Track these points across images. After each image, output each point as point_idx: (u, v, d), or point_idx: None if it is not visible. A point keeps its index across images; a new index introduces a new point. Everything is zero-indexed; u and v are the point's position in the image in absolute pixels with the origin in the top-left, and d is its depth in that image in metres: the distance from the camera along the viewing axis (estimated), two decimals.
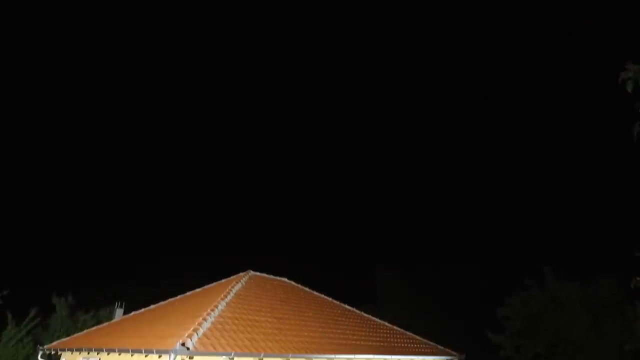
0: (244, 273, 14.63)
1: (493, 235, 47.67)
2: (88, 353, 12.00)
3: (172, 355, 8.02)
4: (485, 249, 40.22)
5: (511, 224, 48.53)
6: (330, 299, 16.42)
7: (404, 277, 33.78)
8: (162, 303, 15.07)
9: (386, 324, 16.56)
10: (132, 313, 15.28)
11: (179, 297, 15.15)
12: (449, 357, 16.14)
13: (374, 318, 16.67)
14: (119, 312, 16.53)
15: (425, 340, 16.35)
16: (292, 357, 10.05)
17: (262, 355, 9.34)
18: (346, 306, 16.45)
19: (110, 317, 17.57)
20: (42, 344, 15.73)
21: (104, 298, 20.87)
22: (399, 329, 16.54)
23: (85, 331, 15.54)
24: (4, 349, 17.11)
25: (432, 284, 33.46)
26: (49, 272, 33.73)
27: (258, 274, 15.14)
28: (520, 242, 40.52)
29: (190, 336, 8.52)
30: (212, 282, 15.42)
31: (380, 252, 50.75)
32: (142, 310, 15.10)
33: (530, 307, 18.04)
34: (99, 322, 17.87)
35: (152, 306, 15.05)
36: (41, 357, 14.55)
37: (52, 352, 14.36)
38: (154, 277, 35.91)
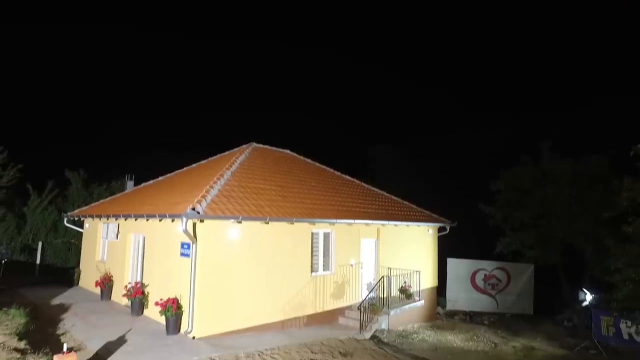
0: (247, 145, 14.83)
1: (493, 109, 47.43)
2: (107, 219, 12.93)
3: (184, 219, 8.57)
4: (481, 128, 40.33)
5: (512, 103, 47.87)
6: (331, 170, 16.96)
7: (400, 150, 34.56)
8: (169, 175, 15.70)
9: (384, 193, 17.39)
10: (143, 184, 16.04)
11: (185, 168, 15.70)
12: (441, 224, 17.38)
13: (372, 188, 17.43)
14: (129, 184, 17.34)
15: (420, 209, 17.37)
16: (295, 221, 10.76)
17: (267, 219, 9.96)
18: (346, 176, 17.08)
19: (122, 188, 18.51)
20: (65, 212, 16.99)
21: (114, 172, 21.79)
22: (396, 197, 17.45)
23: (101, 201, 16.52)
24: (34, 215, 18.62)
25: (428, 158, 34.41)
26: (59, 147, 34.59)
27: (261, 145, 15.35)
28: (520, 121, 40.45)
29: (199, 202, 8.99)
30: (215, 155, 15.83)
31: (377, 126, 51.38)
32: (152, 181, 15.80)
33: (522, 181, 18.70)
34: (112, 193, 18.91)
35: (161, 177, 15.71)
36: (67, 222, 15.82)
37: (76, 219, 15.51)
38: (159, 152, 37.04)
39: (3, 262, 13.28)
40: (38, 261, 17.00)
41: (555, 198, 17.48)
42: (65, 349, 6.33)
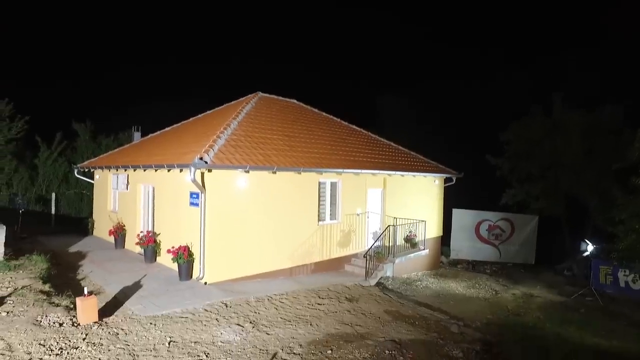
0: (253, 95, 14.60)
1: (503, 58, 45.72)
2: (117, 170, 13.08)
3: (192, 169, 8.63)
4: (492, 78, 39.10)
5: (522, 47, 45.95)
6: (338, 120, 16.76)
7: (407, 100, 33.91)
8: (176, 125, 15.63)
9: (392, 143, 17.27)
10: (150, 135, 16.04)
11: (191, 119, 15.60)
12: (447, 175, 17.38)
13: (380, 138, 17.30)
14: (136, 135, 17.35)
15: (426, 159, 17.31)
16: (303, 170, 10.80)
17: (275, 168, 10.01)
18: (354, 126, 16.90)
19: (129, 139, 18.57)
20: (75, 164, 17.22)
21: (119, 122, 21.83)
22: (403, 148, 17.35)
23: (109, 152, 16.63)
24: (45, 166, 18.96)
25: (436, 108, 33.78)
26: (64, 97, 34.46)
27: (267, 95, 15.10)
28: (530, 69, 39.04)
29: (207, 152, 9.00)
30: (221, 105, 15.65)
31: (385, 75, 50.08)
32: (158, 132, 15.79)
33: (531, 132, 18.38)
34: (120, 145, 19.00)
35: (167, 128, 15.67)
36: (77, 173, 16.07)
37: (85, 170, 15.72)
38: (164, 102, 36.77)
39: (21, 212, 13.68)
40: (53, 211, 17.48)
41: (565, 149, 17.29)
42: (86, 292, 6.68)
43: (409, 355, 6.43)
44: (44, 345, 5.57)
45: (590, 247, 14.73)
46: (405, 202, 15.06)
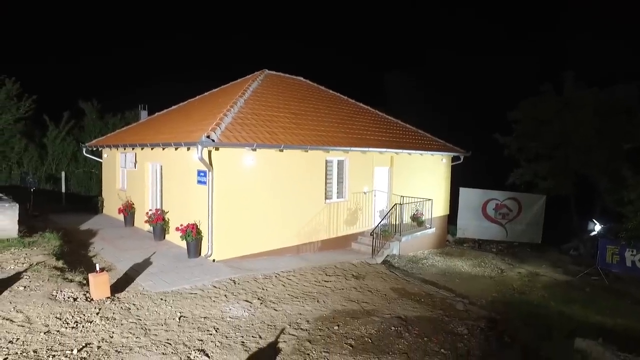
0: (260, 72, 14.43)
1: (512, 35, 44.58)
2: (124, 149, 13.15)
3: (199, 147, 8.63)
4: (501, 54, 38.18)
5: (531, 24, 44.64)
6: (345, 98, 16.58)
7: (415, 77, 33.36)
8: (182, 104, 15.59)
9: (399, 122, 17.11)
10: (156, 114, 16.03)
11: (197, 97, 15.53)
12: (455, 154, 17.25)
13: (387, 116, 17.13)
14: (143, 113, 17.36)
15: (434, 138, 17.16)
16: (310, 148, 10.78)
17: (282, 146, 9.99)
18: (361, 104, 16.73)
19: (136, 118, 18.57)
20: (83, 142, 17.33)
21: (124, 101, 21.82)
22: (410, 126, 17.18)
23: (117, 131, 16.69)
24: (54, 145, 19.11)
25: (444, 86, 33.22)
26: (70, 78, 34.41)
27: (274, 73, 14.92)
28: (540, 47, 38.02)
29: (214, 130, 8.99)
30: (227, 83, 15.52)
31: (392, 50, 49.18)
32: (165, 110, 15.77)
33: (541, 111, 18.04)
34: (127, 124, 19.03)
35: (174, 107, 15.63)
36: (85, 152, 16.18)
37: (94, 149, 15.82)
38: (169, 81, 36.58)
39: (32, 190, 13.89)
40: (63, 190, 17.71)
41: (575, 128, 16.99)
42: (98, 268, 6.82)
43: (414, 332, 6.54)
44: (60, 319, 5.74)
45: (598, 227, 14.67)
46: (412, 181, 15.03)
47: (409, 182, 14.82)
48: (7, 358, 4.73)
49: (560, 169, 17.87)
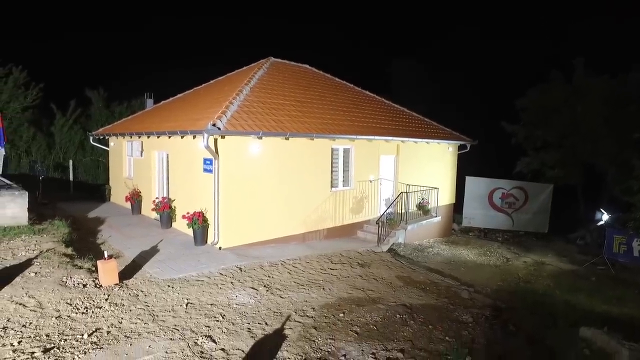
0: (265, 60, 14.34)
1: (521, 22, 43.74)
2: (131, 137, 13.20)
3: (205, 135, 8.65)
4: (511, 38, 37.53)
5: (539, 11, 43.67)
6: (351, 85, 16.45)
7: (422, 64, 32.97)
8: (188, 92, 15.57)
9: (405, 110, 16.98)
10: (162, 102, 16.04)
11: (202, 85, 15.49)
12: (462, 142, 17.11)
13: (393, 104, 17.00)
14: (149, 102, 17.38)
15: (440, 126, 17.02)
16: (316, 136, 10.74)
17: (287, 134, 9.97)
18: (367, 92, 16.60)
19: (142, 106, 18.61)
20: (89, 131, 17.42)
21: (130, 89, 21.84)
22: (416, 114, 17.05)
23: (123, 119, 16.74)
24: (61, 134, 19.24)
25: (451, 74, 32.82)
26: (76, 68, 34.44)
27: (279, 60, 14.82)
28: (549, 34, 37.26)
29: (219, 118, 8.98)
30: (231, 71, 15.45)
31: (399, 38, 48.53)
32: (171, 99, 15.76)
33: (550, 99, 17.79)
34: (133, 112, 19.08)
35: (179, 95, 15.62)
36: (92, 141, 16.28)
37: (100, 137, 15.90)
38: (174, 68, 36.49)
39: (41, 179, 14.04)
40: (71, 178, 17.88)
41: (584, 117, 16.76)
42: (106, 255, 6.91)
43: (419, 319, 6.58)
44: (71, 304, 5.85)
45: (605, 217, 14.57)
46: (418, 169, 14.97)
47: (415, 171, 14.77)
48: (21, 341, 4.84)
49: (568, 157, 17.70)
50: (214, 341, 5.32)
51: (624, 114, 15.89)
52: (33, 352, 4.65)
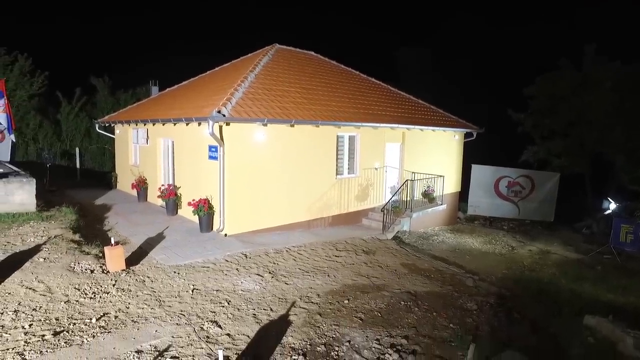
0: (270, 46, 14.21)
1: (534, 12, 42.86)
2: (136, 124, 13.22)
3: (211, 122, 8.62)
4: (520, 25, 36.80)
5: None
6: (357, 73, 16.29)
7: (429, 51, 32.54)
8: (193, 79, 15.50)
9: (411, 97, 16.82)
10: (167, 89, 16.00)
11: (207, 72, 15.41)
12: (468, 130, 16.95)
13: (400, 92, 16.84)
14: (154, 89, 17.37)
15: (446, 114, 16.86)
16: (321, 124, 10.69)
17: (293, 121, 9.92)
18: (373, 79, 16.44)
19: (147, 94, 18.59)
20: (95, 119, 17.47)
21: (134, 76, 21.80)
22: (422, 102, 16.89)
23: (128, 107, 16.74)
24: (67, 121, 19.32)
25: (457, 61, 32.39)
26: (81, 55, 34.40)
27: (284, 47, 14.67)
28: (556, 21, 36.46)
29: (224, 105, 8.94)
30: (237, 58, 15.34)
31: (404, 28, 47.81)
32: (176, 86, 15.72)
33: (558, 87, 17.51)
34: (138, 100, 19.06)
35: (184, 82, 15.57)
36: (98, 128, 16.33)
37: (106, 125, 15.94)
38: (179, 55, 36.31)
39: (48, 166, 14.15)
40: (78, 165, 18.00)
41: (593, 105, 16.50)
42: (113, 242, 6.99)
43: (424, 307, 6.61)
44: (79, 290, 5.94)
45: (612, 206, 14.45)
46: (424, 157, 14.89)
47: (421, 159, 14.69)
48: (32, 324, 4.93)
49: (575, 146, 17.50)
50: (219, 326, 5.38)
51: (633, 102, 15.62)
52: (44, 335, 4.74)
